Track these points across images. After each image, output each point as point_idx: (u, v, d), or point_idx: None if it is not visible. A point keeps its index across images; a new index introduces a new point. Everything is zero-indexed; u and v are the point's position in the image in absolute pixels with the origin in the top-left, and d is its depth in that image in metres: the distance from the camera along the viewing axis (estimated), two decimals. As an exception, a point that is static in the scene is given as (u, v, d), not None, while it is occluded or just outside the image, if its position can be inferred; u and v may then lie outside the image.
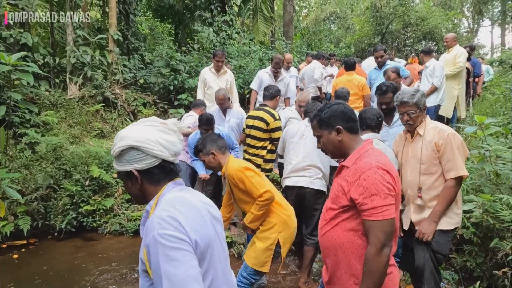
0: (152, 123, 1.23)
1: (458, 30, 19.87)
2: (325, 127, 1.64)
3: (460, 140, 2.23)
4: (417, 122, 2.32)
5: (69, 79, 6.61)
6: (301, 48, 12.16)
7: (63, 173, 4.89)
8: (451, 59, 5.70)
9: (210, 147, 2.49)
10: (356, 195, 1.46)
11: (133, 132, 1.18)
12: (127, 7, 8.89)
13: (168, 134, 1.21)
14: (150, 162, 1.17)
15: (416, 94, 2.33)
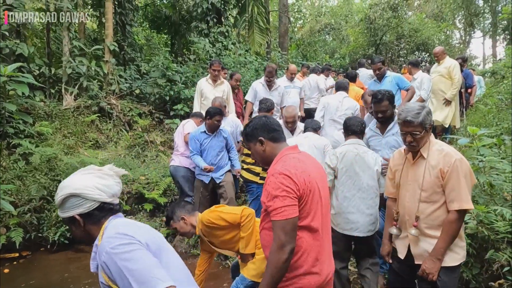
0: (89, 171, 1.39)
1: (451, 41, 20.22)
2: (250, 140, 1.79)
3: (467, 168, 1.99)
4: (421, 143, 2.06)
5: (65, 90, 6.61)
6: (296, 59, 12.28)
7: (57, 184, 4.83)
8: (444, 70, 5.65)
9: (180, 213, 2.54)
10: (264, 199, 1.61)
11: (72, 181, 1.34)
12: (123, 18, 8.96)
13: (104, 179, 1.37)
14: (89, 206, 1.33)
15: (422, 111, 2.04)
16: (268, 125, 1.77)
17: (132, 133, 6.78)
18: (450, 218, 1.96)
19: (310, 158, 1.77)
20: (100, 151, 6.01)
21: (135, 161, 5.88)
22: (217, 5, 9.47)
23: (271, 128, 1.76)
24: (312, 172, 1.65)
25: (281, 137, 1.78)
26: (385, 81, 4.73)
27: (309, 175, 1.61)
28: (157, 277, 1.13)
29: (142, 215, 4.94)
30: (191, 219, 2.54)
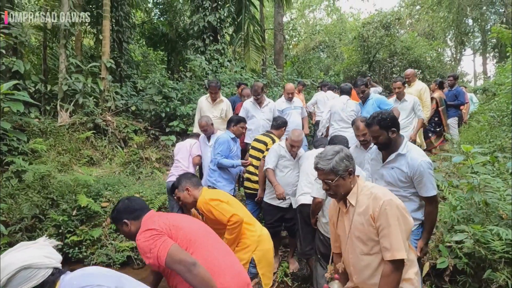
0: (24, 246, 1.33)
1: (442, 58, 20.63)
2: (117, 223, 2.06)
3: (399, 209, 1.75)
4: (340, 190, 1.87)
5: (60, 106, 6.60)
6: (291, 76, 12.42)
7: (50, 202, 4.77)
8: (415, 93, 5.66)
9: (185, 184, 2.64)
10: (147, 261, 1.89)
11: (14, 256, 1.26)
12: (120, 35, 9.07)
13: (45, 248, 1.35)
14: (43, 274, 1.28)
15: (334, 157, 1.85)
16: (130, 207, 2.05)
17: (127, 149, 6.75)
18: (384, 271, 1.73)
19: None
20: (95, 168, 5.96)
21: (130, 178, 5.83)
22: (213, 24, 9.63)
23: (133, 209, 2.05)
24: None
25: (143, 211, 2.05)
26: (368, 103, 4.85)
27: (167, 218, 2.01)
28: None
29: (136, 234, 4.86)
30: (195, 192, 2.62)
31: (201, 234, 2.07)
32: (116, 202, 4.98)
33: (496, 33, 6.36)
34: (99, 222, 4.80)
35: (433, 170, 2.48)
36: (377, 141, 2.60)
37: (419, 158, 2.45)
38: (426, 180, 2.43)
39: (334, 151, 1.89)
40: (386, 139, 2.54)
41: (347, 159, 1.87)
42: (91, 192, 5.02)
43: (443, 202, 4.02)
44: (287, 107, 5.61)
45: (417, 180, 2.47)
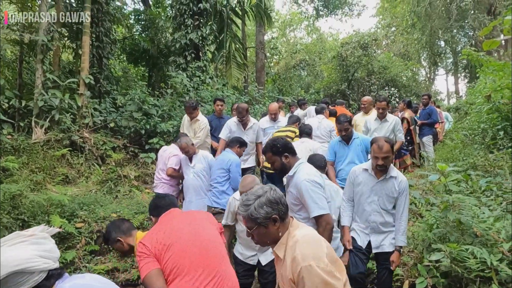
0: (20, 239, 1.18)
1: (417, 77, 21.47)
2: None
3: (319, 279, 1.43)
4: (264, 239, 1.65)
5: (35, 123, 6.40)
6: (272, 93, 12.59)
7: (20, 224, 4.54)
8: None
9: (115, 234, 2.43)
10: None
11: (6, 257, 1.11)
12: (100, 51, 8.96)
13: (43, 244, 1.21)
14: (36, 279, 1.15)
15: (253, 203, 1.61)
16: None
17: (105, 167, 6.58)
18: None
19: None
20: (70, 187, 5.76)
21: (107, 197, 5.66)
22: (195, 41, 9.70)
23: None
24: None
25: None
26: (354, 144, 4.24)
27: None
28: None
29: (112, 256, 4.69)
30: (128, 239, 2.43)
31: (196, 260, 1.96)
32: (92, 222, 4.84)
33: (466, 55, 6.70)
34: (72, 244, 4.60)
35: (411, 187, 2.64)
36: (274, 167, 2.72)
37: (302, 177, 2.50)
38: (307, 200, 2.45)
39: (256, 196, 1.64)
40: (280, 165, 2.65)
41: (269, 205, 1.60)
42: (65, 212, 4.83)
43: (421, 220, 4.11)
44: (269, 126, 5.65)
45: (302, 200, 2.51)
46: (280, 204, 1.62)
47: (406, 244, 2.86)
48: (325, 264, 1.46)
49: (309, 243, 1.54)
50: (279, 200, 1.63)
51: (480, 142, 5.74)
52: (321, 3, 20.19)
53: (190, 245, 2.01)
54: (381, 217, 2.89)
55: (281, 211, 1.62)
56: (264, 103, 10.43)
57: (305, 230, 1.64)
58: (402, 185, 2.85)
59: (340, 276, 1.50)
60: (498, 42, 3.62)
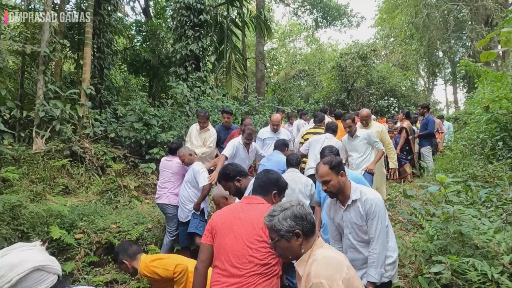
0: (26, 247, 1.23)
1: (416, 87, 21.62)
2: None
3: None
4: (285, 253, 1.65)
5: (36, 133, 6.41)
6: (272, 103, 12.65)
7: (20, 235, 4.52)
8: (376, 135, 5.20)
9: (122, 257, 2.67)
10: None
11: (29, 255, 1.17)
12: (102, 62, 9.05)
13: (45, 252, 1.27)
14: (52, 280, 1.21)
15: (279, 214, 1.62)
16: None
17: (105, 177, 6.58)
18: None
19: None
20: (70, 198, 5.75)
21: (106, 208, 5.64)
22: (196, 52, 9.79)
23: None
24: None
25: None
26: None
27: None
28: None
29: (111, 267, 4.65)
30: (133, 263, 2.66)
31: (230, 261, 1.93)
32: (91, 233, 4.82)
33: (464, 66, 6.77)
34: (72, 255, 4.57)
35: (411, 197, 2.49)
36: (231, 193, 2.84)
37: None
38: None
39: (282, 208, 1.64)
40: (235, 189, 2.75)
41: (294, 219, 1.59)
42: (65, 223, 4.81)
43: (421, 231, 4.10)
44: (269, 137, 5.55)
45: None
46: (305, 221, 1.61)
47: (378, 280, 2.26)
48: (338, 286, 1.41)
49: (327, 263, 1.50)
50: (304, 216, 1.61)
51: (479, 153, 5.76)
52: (320, 14, 20.44)
53: (233, 244, 1.96)
54: (358, 253, 2.39)
55: (306, 227, 1.60)
56: (264, 113, 10.47)
57: (327, 251, 1.59)
58: (367, 206, 2.31)
59: None
60: (495, 54, 3.66)
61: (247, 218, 1.99)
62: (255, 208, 2.04)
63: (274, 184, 2.19)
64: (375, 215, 2.29)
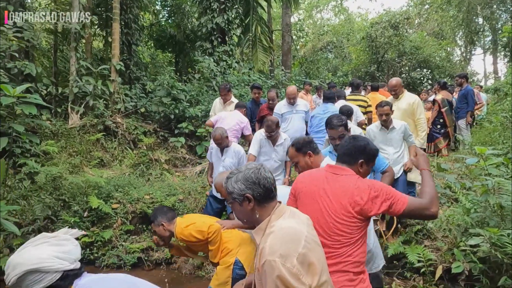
0: (43, 240, 1.29)
1: (451, 58, 20.41)
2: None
3: (281, 275, 1.30)
4: (240, 216, 1.59)
5: (71, 108, 6.68)
6: (299, 77, 12.39)
7: (62, 204, 4.83)
8: (407, 107, 4.52)
9: (161, 219, 2.72)
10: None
11: (25, 256, 1.23)
12: (129, 38, 9.14)
13: (62, 245, 1.30)
14: (51, 278, 1.24)
15: (232, 177, 1.55)
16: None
17: (136, 151, 6.80)
18: None
19: None
20: (105, 170, 6.01)
21: (139, 180, 5.87)
22: (221, 25, 9.65)
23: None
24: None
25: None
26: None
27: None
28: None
29: (146, 235, 4.89)
30: (170, 226, 2.71)
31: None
32: (126, 203, 5.05)
33: (507, 33, 6.28)
34: (110, 224, 4.83)
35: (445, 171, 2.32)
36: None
37: None
38: None
39: (238, 171, 1.57)
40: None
41: (244, 182, 1.50)
42: (102, 194, 5.06)
43: (455, 205, 3.97)
44: (287, 111, 5.08)
45: None
46: (257, 185, 1.49)
47: None
48: (292, 264, 1.32)
49: (284, 237, 1.40)
50: (257, 181, 1.50)
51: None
52: (350, -19, 19.39)
53: (319, 216, 1.83)
54: None
55: (257, 192, 1.49)
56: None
57: (286, 222, 1.47)
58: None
59: (307, 280, 1.36)
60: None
61: (332, 191, 1.84)
62: (340, 180, 1.87)
63: (361, 151, 1.95)
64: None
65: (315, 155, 2.43)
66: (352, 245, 1.77)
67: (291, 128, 4.97)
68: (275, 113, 5.12)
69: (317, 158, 2.43)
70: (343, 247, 1.76)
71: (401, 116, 4.46)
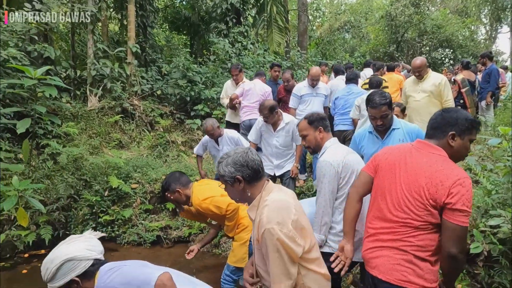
0: (73, 239, 1.58)
1: (475, 37, 19.56)
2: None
3: (279, 242, 1.51)
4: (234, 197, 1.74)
5: (89, 91, 6.79)
6: (315, 58, 12.17)
7: (83, 184, 4.99)
8: (433, 88, 4.16)
9: (175, 186, 2.67)
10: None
11: (61, 251, 1.50)
12: (144, 20, 9.12)
13: (90, 239, 1.59)
14: (84, 265, 1.50)
15: (222, 161, 1.69)
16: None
17: (154, 133, 6.91)
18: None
19: None
20: (124, 151, 6.15)
21: (157, 161, 5.98)
22: (236, 6, 9.50)
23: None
24: None
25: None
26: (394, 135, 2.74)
27: None
28: (149, 272, 1.46)
29: (164, 214, 5.02)
30: (186, 191, 2.69)
31: (379, 209, 1.90)
32: (145, 183, 5.18)
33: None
34: (129, 203, 4.98)
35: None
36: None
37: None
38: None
39: (227, 155, 1.71)
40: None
41: (233, 165, 1.66)
42: (121, 174, 5.19)
43: (477, 187, 3.89)
44: (307, 93, 4.88)
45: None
46: (245, 167, 1.65)
47: (319, 243, 2.18)
48: (288, 229, 1.54)
49: (278, 208, 1.60)
50: (245, 163, 1.65)
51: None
52: (369, -43, 18.66)
53: (392, 189, 1.79)
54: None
55: (246, 173, 1.65)
56: (307, 68, 10.14)
57: (276, 195, 1.67)
58: (318, 166, 2.25)
59: (302, 242, 1.59)
60: None
61: (413, 166, 1.73)
62: (425, 157, 1.73)
63: (451, 124, 1.72)
64: (319, 178, 2.21)
65: (325, 132, 2.37)
66: (417, 229, 1.68)
67: (310, 111, 4.76)
68: (293, 94, 4.97)
69: (326, 135, 2.37)
70: (406, 227, 1.70)
71: (426, 98, 4.18)
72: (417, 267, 1.66)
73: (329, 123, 2.48)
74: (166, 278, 1.46)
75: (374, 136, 2.74)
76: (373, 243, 1.82)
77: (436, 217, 1.63)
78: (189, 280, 1.72)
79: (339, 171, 2.15)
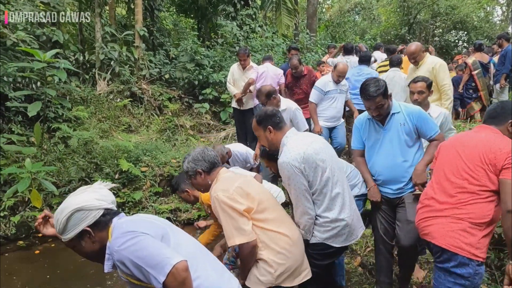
0: (81, 190, 1.49)
1: (491, 18, 18.93)
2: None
3: (223, 202, 1.88)
4: (197, 187, 2.18)
5: (98, 75, 6.81)
6: (325, 41, 11.96)
7: (94, 167, 5.06)
8: (428, 74, 3.76)
9: (184, 186, 2.77)
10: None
11: (70, 201, 1.43)
12: (152, 3, 9.01)
13: (99, 190, 1.50)
14: (95, 215, 1.41)
15: (184, 160, 2.12)
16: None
17: (162, 117, 6.93)
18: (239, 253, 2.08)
19: None
20: (133, 135, 6.20)
21: (166, 145, 6.02)
22: (244, -14, 9.32)
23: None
24: None
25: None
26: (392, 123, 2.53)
27: None
28: (166, 256, 1.29)
29: (174, 197, 5.08)
30: (194, 192, 2.78)
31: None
32: (154, 166, 5.23)
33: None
34: (139, 186, 5.04)
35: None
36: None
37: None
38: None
39: (188, 154, 2.11)
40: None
41: (192, 161, 2.05)
42: (131, 157, 5.24)
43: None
44: (333, 89, 4.68)
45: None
46: (202, 161, 2.04)
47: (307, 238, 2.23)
48: (229, 193, 1.89)
49: (223, 181, 2.00)
50: (202, 158, 2.05)
51: None
52: None
53: (451, 159, 1.97)
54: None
55: (204, 166, 2.04)
56: (316, 51, 9.98)
57: (226, 175, 2.06)
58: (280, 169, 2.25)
59: (245, 202, 1.90)
60: None
61: (473, 140, 1.90)
62: (483, 133, 1.91)
63: (510, 112, 1.90)
64: (285, 182, 2.11)
65: (276, 131, 2.17)
66: (474, 194, 1.78)
67: (334, 108, 4.67)
68: (317, 88, 4.66)
69: (278, 134, 2.17)
70: (463, 193, 1.81)
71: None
72: (471, 235, 1.76)
73: (281, 118, 2.24)
74: (182, 268, 1.29)
75: (375, 123, 2.56)
76: (428, 213, 1.94)
77: (494, 181, 1.74)
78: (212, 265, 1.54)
79: (302, 169, 2.01)
